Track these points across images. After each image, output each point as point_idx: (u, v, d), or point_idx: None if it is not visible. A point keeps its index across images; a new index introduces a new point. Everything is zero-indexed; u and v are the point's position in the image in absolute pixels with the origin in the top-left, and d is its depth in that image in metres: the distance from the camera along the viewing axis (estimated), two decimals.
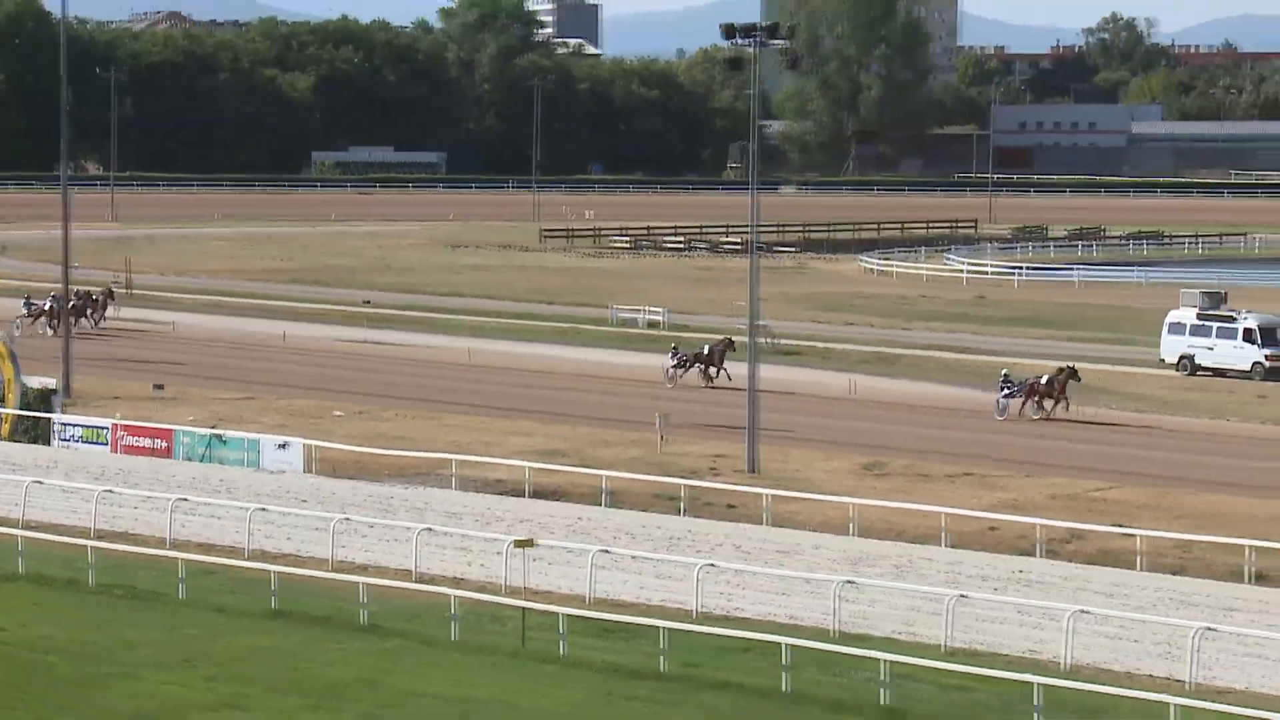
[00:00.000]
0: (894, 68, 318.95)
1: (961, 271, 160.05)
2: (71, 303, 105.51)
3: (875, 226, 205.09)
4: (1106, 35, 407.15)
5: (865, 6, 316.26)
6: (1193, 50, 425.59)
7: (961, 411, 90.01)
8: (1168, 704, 43.11)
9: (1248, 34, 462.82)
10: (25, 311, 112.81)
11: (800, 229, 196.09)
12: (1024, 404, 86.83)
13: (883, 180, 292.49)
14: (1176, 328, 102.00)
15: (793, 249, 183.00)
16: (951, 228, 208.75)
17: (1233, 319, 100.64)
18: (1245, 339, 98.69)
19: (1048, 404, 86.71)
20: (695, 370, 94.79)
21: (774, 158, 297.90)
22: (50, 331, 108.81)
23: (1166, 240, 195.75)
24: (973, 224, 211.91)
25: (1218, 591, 56.81)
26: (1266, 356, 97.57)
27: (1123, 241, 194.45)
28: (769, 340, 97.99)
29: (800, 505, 66.55)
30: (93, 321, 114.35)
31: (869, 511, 64.83)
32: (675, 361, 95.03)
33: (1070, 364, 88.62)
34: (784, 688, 46.38)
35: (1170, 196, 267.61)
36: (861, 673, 46.69)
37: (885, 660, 46.44)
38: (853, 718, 44.47)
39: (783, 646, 47.52)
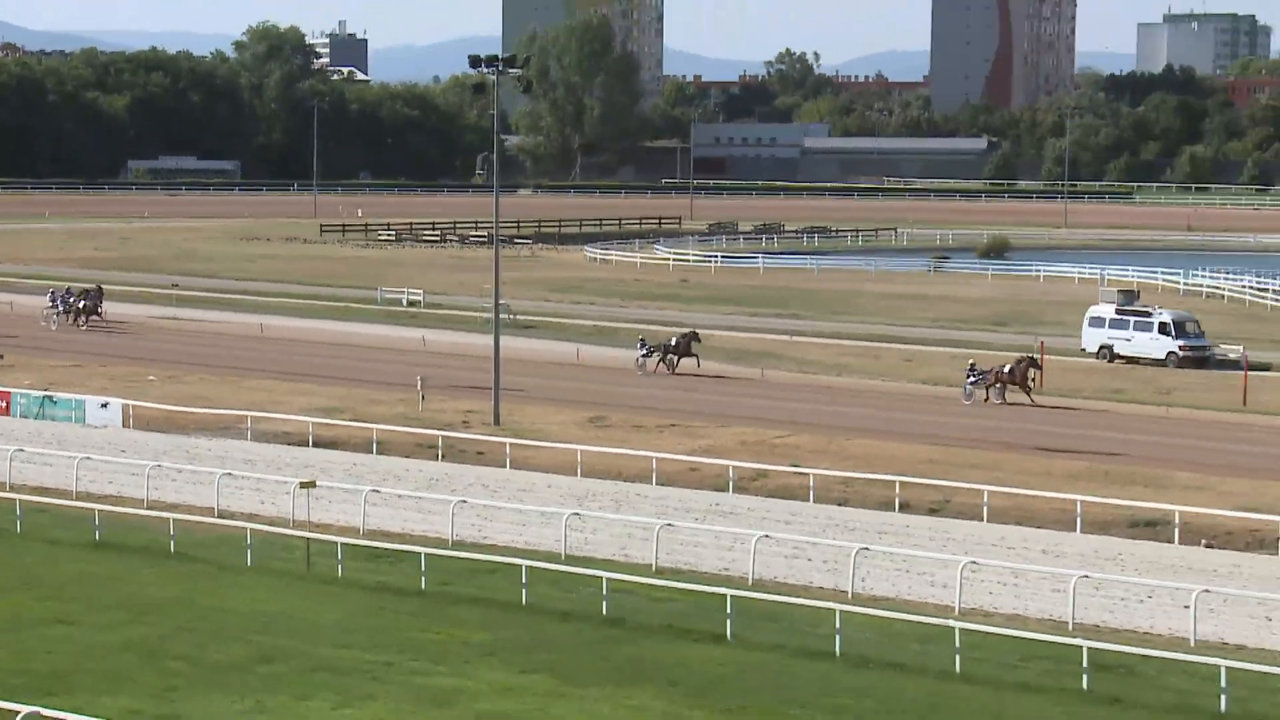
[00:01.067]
0: (611, 92, 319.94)
1: (668, 259, 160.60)
2: (82, 300, 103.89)
3: (597, 222, 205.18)
4: (783, 67, 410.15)
5: (586, 42, 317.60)
6: (852, 79, 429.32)
7: (682, 375, 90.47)
8: (833, 609, 43.67)
9: (895, 66, 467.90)
10: (51, 304, 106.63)
11: (535, 224, 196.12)
12: (993, 388, 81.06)
13: (603, 184, 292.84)
14: (1097, 321, 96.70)
15: (529, 241, 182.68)
16: (659, 223, 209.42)
17: (1149, 314, 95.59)
18: (1161, 331, 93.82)
19: (1009, 390, 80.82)
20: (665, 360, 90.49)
21: (513, 166, 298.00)
22: (81, 326, 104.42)
23: (833, 233, 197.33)
24: (677, 220, 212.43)
25: (872, 518, 57.57)
26: (1180, 347, 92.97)
27: (797, 235, 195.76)
28: (509, 316, 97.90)
29: (536, 452, 66.74)
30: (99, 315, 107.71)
31: (592, 456, 65.13)
32: (644, 352, 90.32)
33: (1031, 354, 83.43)
34: (523, 601, 46.58)
35: (835, 198, 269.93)
36: (587, 588, 46.92)
37: (606, 578, 46.78)
38: (580, 624, 44.72)
39: (522, 568, 47.74)
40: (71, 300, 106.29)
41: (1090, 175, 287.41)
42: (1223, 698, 38.39)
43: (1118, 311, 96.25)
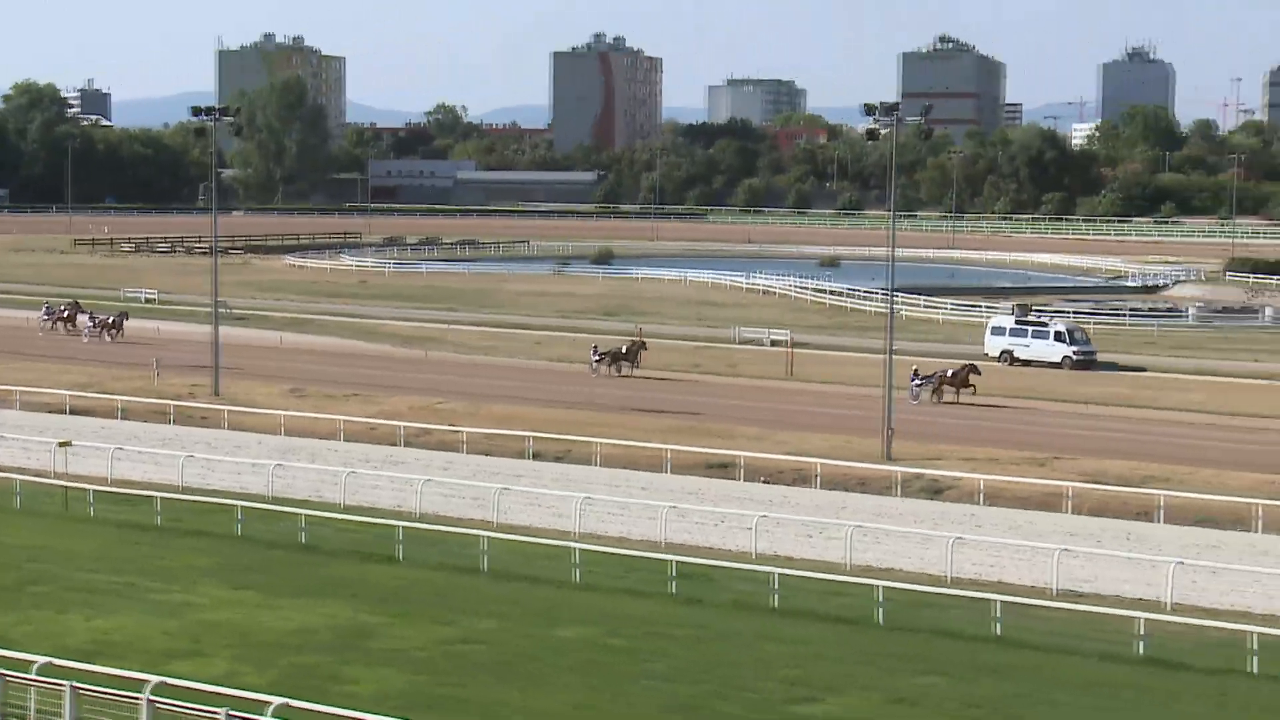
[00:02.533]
0: (305, 135, 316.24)
1: (351, 266, 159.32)
2: (111, 317, 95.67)
3: (295, 237, 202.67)
4: (439, 116, 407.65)
5: (284, 96, 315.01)
6: (492, 126, 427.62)
7: (364, 356, 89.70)
8: (481, 536, 43.74)
9: (526, 116, 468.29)
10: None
11: (246, 239, 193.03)
12: (934, 391, 73.51)
13: (299, 207, 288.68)
14: (998, 330, 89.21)
15: (241, 251, 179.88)
16: (344, 237, 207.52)
17: (1045, 324, 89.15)
18: (1056, 339, 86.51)
19: (950, 391, 73.69)
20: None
21: (228, 192, 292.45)
22: (109, 339, 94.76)
23: (480, 245, 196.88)
24: (358, 235, 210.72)
25: (511, 465, 57.70)
26: (1074, 352, 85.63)
27: (452, 246, 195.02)
28: (226, 310, 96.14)
29: (248, 416, 65.91)
30: (73, 325, 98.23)
31: (293, 420, 64.49)
32: (596, 357, 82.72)
33: (972, 362, 76.58)
34: (238, 533, 46.01)
35: (481, 218, 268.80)
36: (288, 522, 46.49)
37: (304, 514, 46.39)
38: (283, 551, 44.27)
39: (237, 507, 47.17)
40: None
41: (674, 201, 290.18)
42: (775, 596, 39.12)
43: (1017, 322, 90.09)
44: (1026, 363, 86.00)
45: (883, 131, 65.47)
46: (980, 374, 75.07)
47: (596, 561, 42.20)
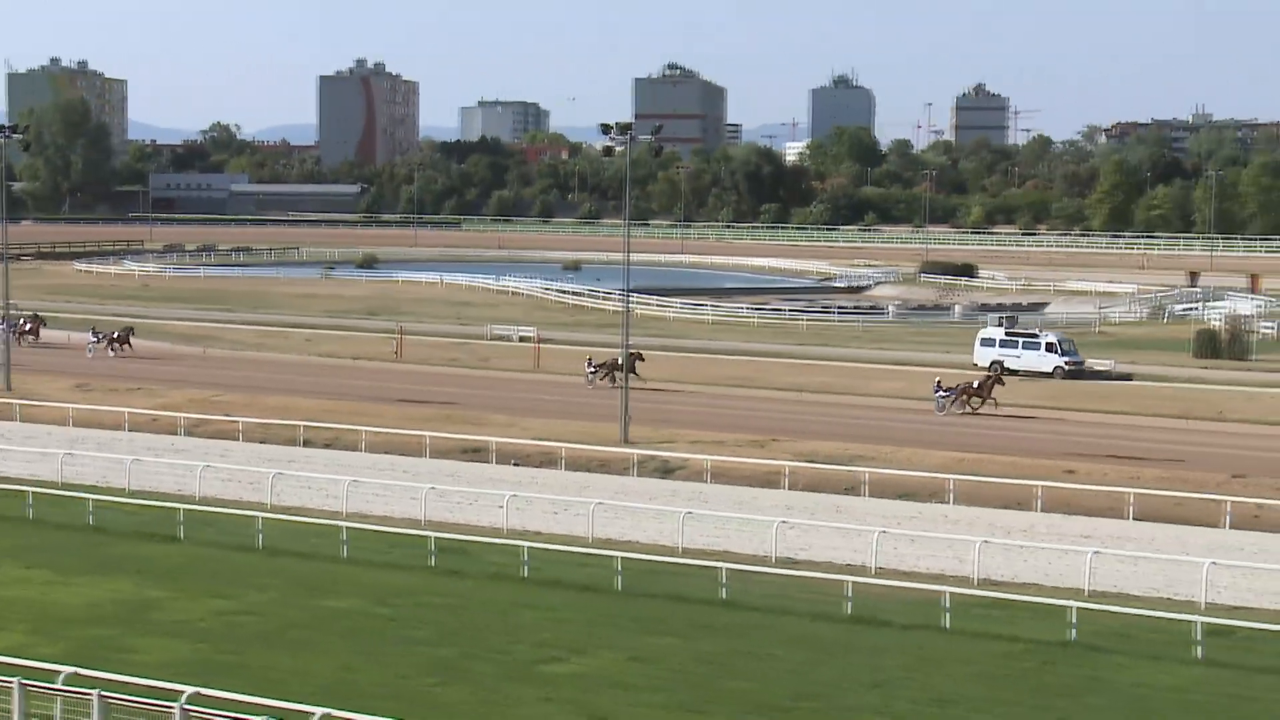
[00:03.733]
0: (89, 151, 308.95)
1: (134, 270, 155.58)
2: (116, 332, 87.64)
3: (82, 244, 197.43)
4: (215, 134, 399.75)
5: (69, 115, 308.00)
6: (264, 143, 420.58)
7: (147, 353, 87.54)
8: (257, 516, 43.14)
9: (295, 134, 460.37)
10: (95, 339, 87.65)
11: (35, 246, 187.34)
12: (955, 401, 67.58)
13: (85, 217, 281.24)
14: (988, 341, 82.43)
15: (32, 257, 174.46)
16: (128, 245, 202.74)
17: (1036, 335, 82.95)
18: (1048, 350, 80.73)
19: (975, 402, 67.90)
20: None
21: (18, 204, 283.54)
22: (112, 353, 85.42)
23: (253, 251, 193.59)
24: (141, 243, 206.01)
25: (284, 452, 56.94)
26: (1065, 362, 80.00)
27: (228, 253, 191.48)
28: (17, 312, 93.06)
29: (38, 409, 64.23)
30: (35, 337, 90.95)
31: (81, 412, 62.97)
32: (592, 369, 76.10)
33: (997, 373, 72.20)
34: (30, 517, 44.84)
35: (254, 227, 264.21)
36: (78, 506, 45.40)
37: (92, 499, 45.34)
38: (72, 533, 43.21)
39: (29, 493, 45.98)
40: (102, 334, 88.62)
41: (432, 210, 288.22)
42: (525, 567, 39.14)
43: (1007, 333, 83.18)
44: (1014, 373, 79.15)
45: (618, 149, 65.75)
46: (1004, 385, 69.69)
47: (363, 538, 41.82)
